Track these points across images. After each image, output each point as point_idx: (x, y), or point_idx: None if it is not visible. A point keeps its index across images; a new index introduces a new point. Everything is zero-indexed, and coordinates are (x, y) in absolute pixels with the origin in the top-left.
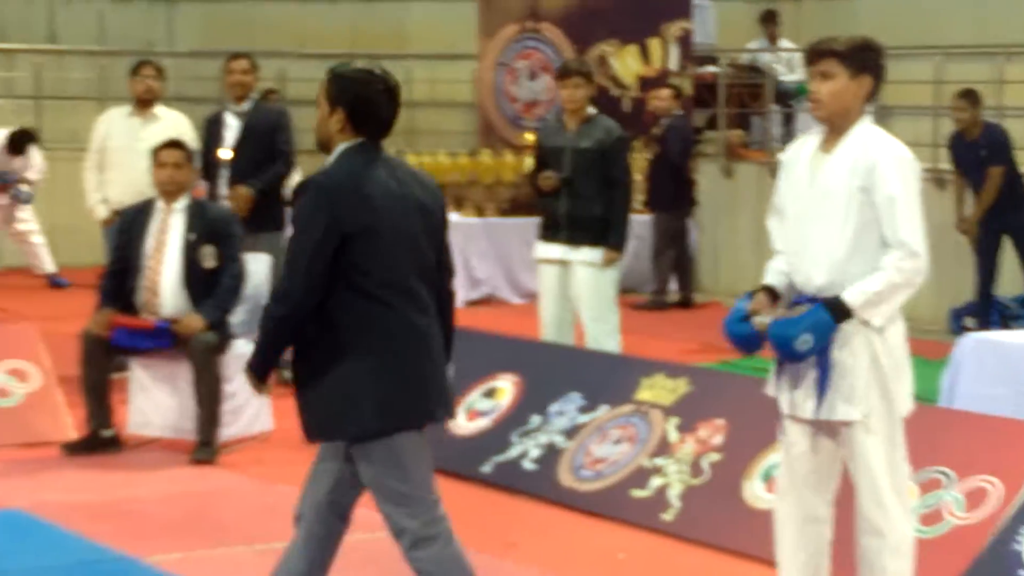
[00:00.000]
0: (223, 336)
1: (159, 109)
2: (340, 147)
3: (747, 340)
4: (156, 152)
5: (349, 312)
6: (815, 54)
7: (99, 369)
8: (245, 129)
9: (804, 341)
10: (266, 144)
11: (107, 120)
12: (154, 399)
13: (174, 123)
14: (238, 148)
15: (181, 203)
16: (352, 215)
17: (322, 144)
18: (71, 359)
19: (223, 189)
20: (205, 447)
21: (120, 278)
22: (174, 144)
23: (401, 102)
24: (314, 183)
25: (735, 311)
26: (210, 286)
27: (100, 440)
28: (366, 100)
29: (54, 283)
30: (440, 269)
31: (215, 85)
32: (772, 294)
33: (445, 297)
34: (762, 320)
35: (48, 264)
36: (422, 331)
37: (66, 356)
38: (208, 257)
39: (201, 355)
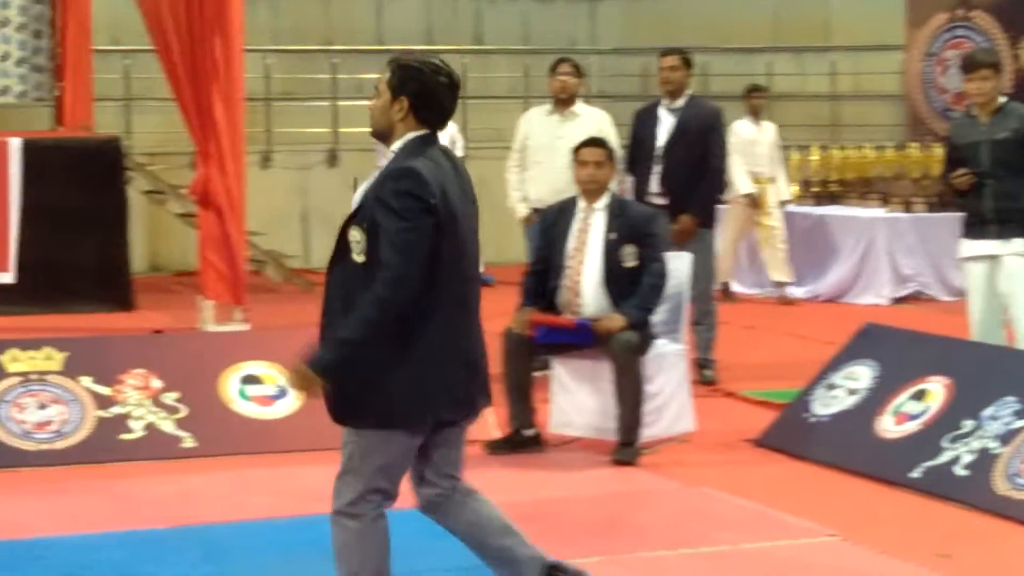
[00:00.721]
0: (645, 336)
1: (578, 107)
2: (407, 137)
3: None
4: (577, 150)
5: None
6: None
7: (521, 368)
8: (678, 127)
9: None
10: (699, 144)
11: (527, 119)
12: (576, 399)
13: (594, 120)
14: (669, 146)
15: (602, 202)
16: (440, 204)
17: (380, 132)
18: (493, 357)
19: (653, 186)
20: (626, 448)
21: (542, 277)
22: (595, 142)
23: (818, 94)
24: (412, 170)
25: None
26: (632, 285)
27: (522, 439)
28: (430, 90)
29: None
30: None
31: (638, 82)
32: None
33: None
34: None
35: None
36: (466, 328)
37: (489, 354)
38: (629, 256)
39: (623, 355)
